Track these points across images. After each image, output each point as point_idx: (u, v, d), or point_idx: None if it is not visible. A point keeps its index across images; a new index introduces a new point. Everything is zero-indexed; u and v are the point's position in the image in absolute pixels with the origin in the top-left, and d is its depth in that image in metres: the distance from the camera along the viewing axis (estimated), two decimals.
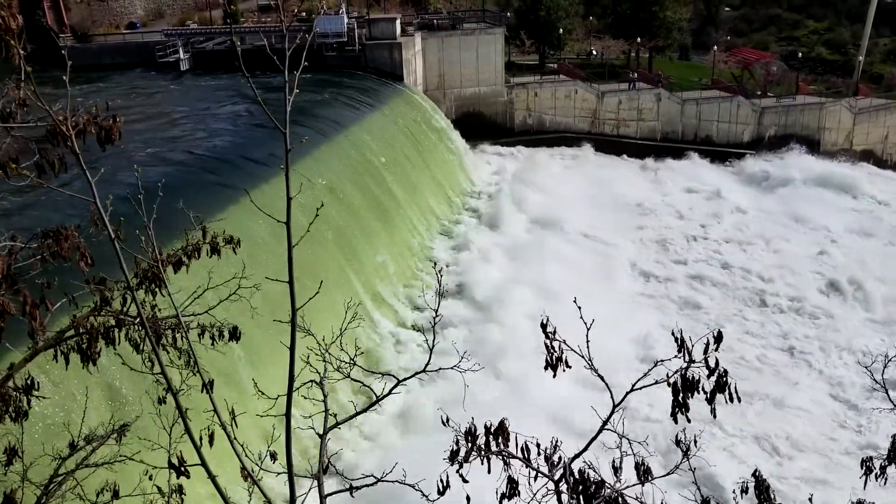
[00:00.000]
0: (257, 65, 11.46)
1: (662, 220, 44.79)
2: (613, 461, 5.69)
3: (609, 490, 5.51)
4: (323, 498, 6.65)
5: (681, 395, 5.59)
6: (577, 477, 5.58)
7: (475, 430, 5.83)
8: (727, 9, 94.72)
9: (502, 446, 5.81)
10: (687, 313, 33.66)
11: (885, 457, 6.25)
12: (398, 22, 51.42)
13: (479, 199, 46.17)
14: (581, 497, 5.54)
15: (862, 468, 6.49)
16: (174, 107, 41.17)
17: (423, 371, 7.26)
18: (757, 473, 6.06)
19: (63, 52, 6.25)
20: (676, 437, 5.96)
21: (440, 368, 7.26)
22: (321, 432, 7.03)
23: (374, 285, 30.23)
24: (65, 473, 7.41)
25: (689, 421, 5.65)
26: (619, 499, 5.50)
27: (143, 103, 40.60)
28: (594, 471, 5.58)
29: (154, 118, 37.21)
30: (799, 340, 31.44)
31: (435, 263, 34.26)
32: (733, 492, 6.25)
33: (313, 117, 36.51)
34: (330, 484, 6.89)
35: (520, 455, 5.82)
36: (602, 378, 6.01)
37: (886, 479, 6.43)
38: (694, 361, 5.59)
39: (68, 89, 5.88)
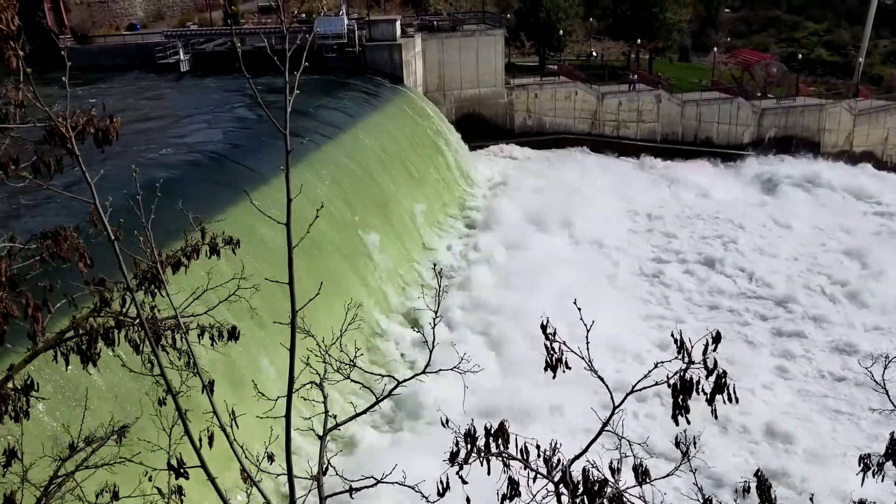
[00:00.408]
0: (258, 66, 11.45)
1: (699, 229, 43.95)
2: (611, 462, 5.68)
3: (612, 490, 5.50)
4: (323, 500, 6.63)
5: (680, 396, 5.58)
6: (580, 478, 5.56)
7: (475, 431, 5.82)
8: (727, 10, 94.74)
9: (502, 448, 5.79)
10: (745, 332, 32.54)
11: (882, 454, 6.23)
12: (398, 23, 51.41)
13: (494, 198, 46.01)
14: (585, 498, 5.52)
15: (860, 465, 6.46)
16: (174, 108, 41.16)
17: (423, 372, 7.26)
18: (759, 473, 6.04)
19: (63, 52, 6.21)
20: (676, 438, 5.95)
21: (440, 370, 7.26)
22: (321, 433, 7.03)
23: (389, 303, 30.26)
24: (64, 475, 7.39)
25: (689, 423, 5.64)
26: (622, 499, 5.49)
27: (144, 104, 40.60)
28: (598, 470, 5.57)
29: (154, 119, 37.22)
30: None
31: (435, 265, 34.21)
32: (735, 491, 6.23)
33: (314, 119, 36.51)
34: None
35: (519, 457, 5.80)
36: (602, 380, 6.02)
37: (884, 477, 6.41)
38: (693, 363, 5.58)
39: (68, 90, 5.88)
